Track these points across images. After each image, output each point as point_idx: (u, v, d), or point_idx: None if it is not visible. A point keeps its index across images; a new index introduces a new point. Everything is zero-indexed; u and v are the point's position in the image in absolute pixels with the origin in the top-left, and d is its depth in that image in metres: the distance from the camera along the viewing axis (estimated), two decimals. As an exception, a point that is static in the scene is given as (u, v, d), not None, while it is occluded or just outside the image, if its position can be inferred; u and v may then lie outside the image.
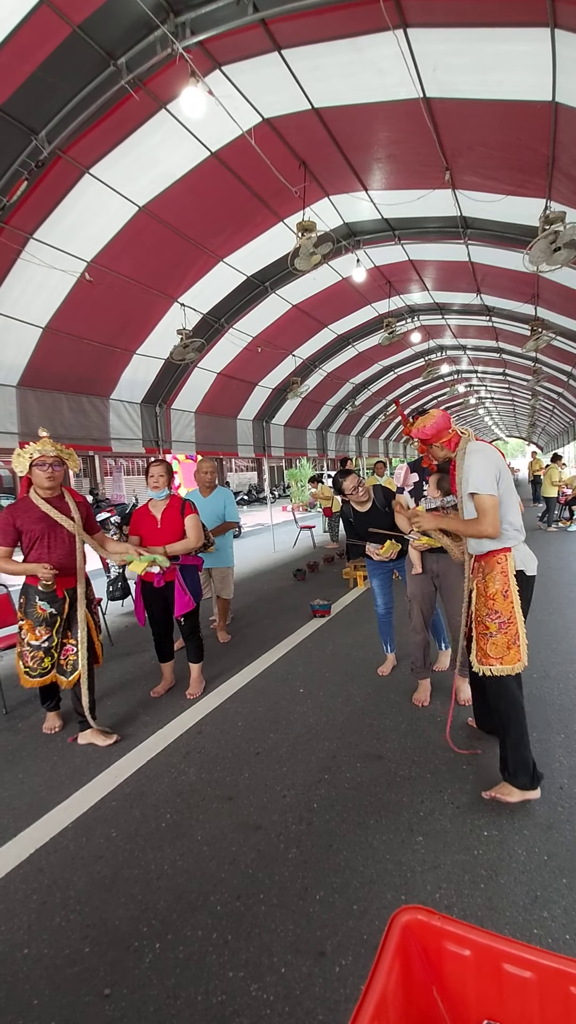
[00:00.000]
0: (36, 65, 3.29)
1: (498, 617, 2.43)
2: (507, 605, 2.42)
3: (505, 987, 1.01)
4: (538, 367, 11.62)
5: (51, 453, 3.04)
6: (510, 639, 2.41)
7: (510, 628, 2.41)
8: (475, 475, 2.43)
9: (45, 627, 3.16)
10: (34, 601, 3.15)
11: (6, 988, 1.72)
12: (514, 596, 2.42)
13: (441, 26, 3.33)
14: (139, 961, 1.78)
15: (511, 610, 2.41)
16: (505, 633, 2.41)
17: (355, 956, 1.74)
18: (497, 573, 2.45)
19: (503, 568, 2.44)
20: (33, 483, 3.10)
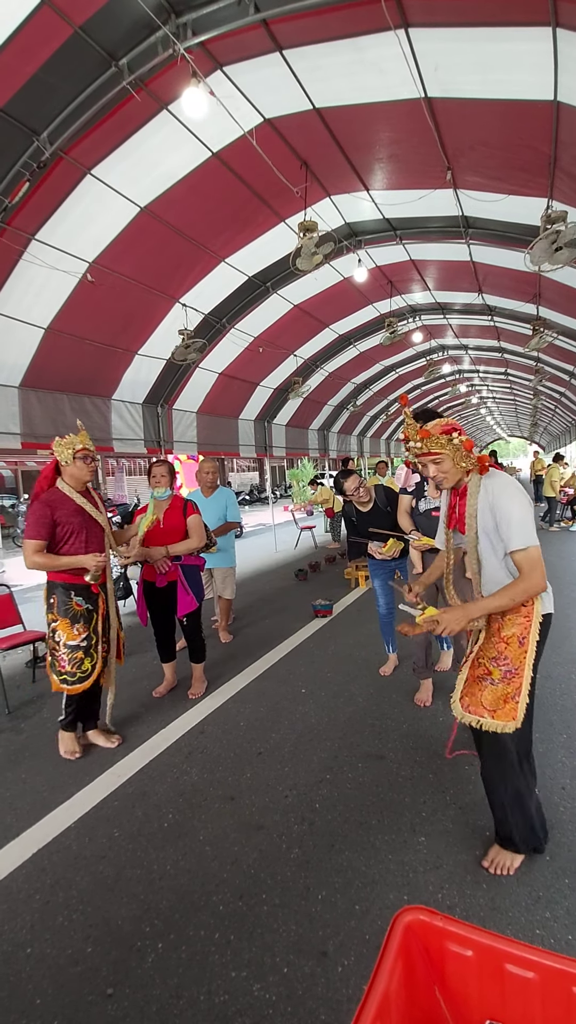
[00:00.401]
0: (38, 66, 3.30)
1: (505, 664, 2.03)
2: (520, 653, 2.01)
3: (507, 987, 1.01)
4: (540, 367, 11.60)
5: (91, 447, 3.04)
6: (511, 691, 2.00)
7: (514, 680, 2.01)
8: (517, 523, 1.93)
9: (83, 624, 3.00)
10: (69, 597, 2.99)
11: (9, 987, 1.72)
12: (531, 645, 2.00)
13: (442, 25, 3.32)
14: (142, 961, 1.79)
15: (522, 660, 2.00)
16: (508, 683, 2.01)
17: (357, 956, 1.74)
18: (520, 616, 2.03)
19: (527, 612, 2.02)
20: (71, 475, 3.02)
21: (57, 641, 2.99)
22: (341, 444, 14.22)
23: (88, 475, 3.06)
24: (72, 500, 3.01)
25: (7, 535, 15.78)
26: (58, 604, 2.99)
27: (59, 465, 3.04)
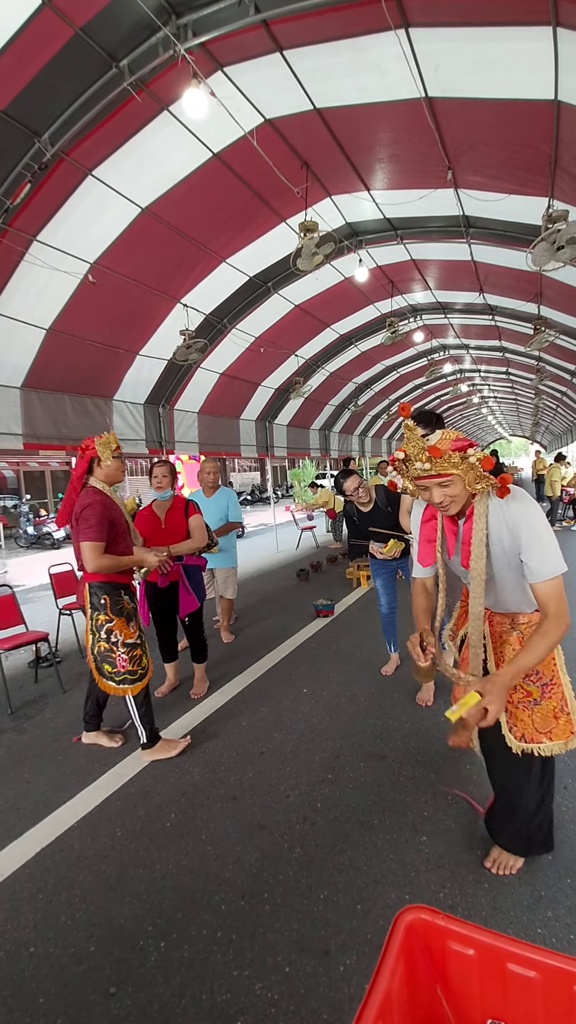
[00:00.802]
0: (39, 68, 3.30)
1: (539, 679, 1.88)
2: (549, 663, 1.89)
3: (509, 986, 1.01)
4: (541, 366, 11.59)
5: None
6: (556, 705, 1.86)
7: (555, 691, 1.87)
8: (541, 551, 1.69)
9: (135, 622, 3.02)
10: (120, 596, 2.99)
11: (12, 986, 1.73)
12: (558, 652, 1.90)
13: (443, 25, 3.32)
14: (144, 960, 1.79)
15: (554, 669, 1.88)
16: (550, 698, 1.87)
17: (359, 955, 1.75)
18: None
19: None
20: (107, 474, 3.01)
21: (114, 642, 2.91)
22: (342, 444, 14.22)
23: (121, 476, 3.11)
24: (116, 500, 3.05)
25: (9, 535, 15.81)
26: (111, 604, 2.94)
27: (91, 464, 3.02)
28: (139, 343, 6.37)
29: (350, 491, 3.67)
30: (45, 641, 4.24)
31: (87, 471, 3.03)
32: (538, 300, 7.53)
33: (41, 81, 3.38)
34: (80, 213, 4.48)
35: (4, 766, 3.10)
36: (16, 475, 20.48)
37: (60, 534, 14.60)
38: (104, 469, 3.02)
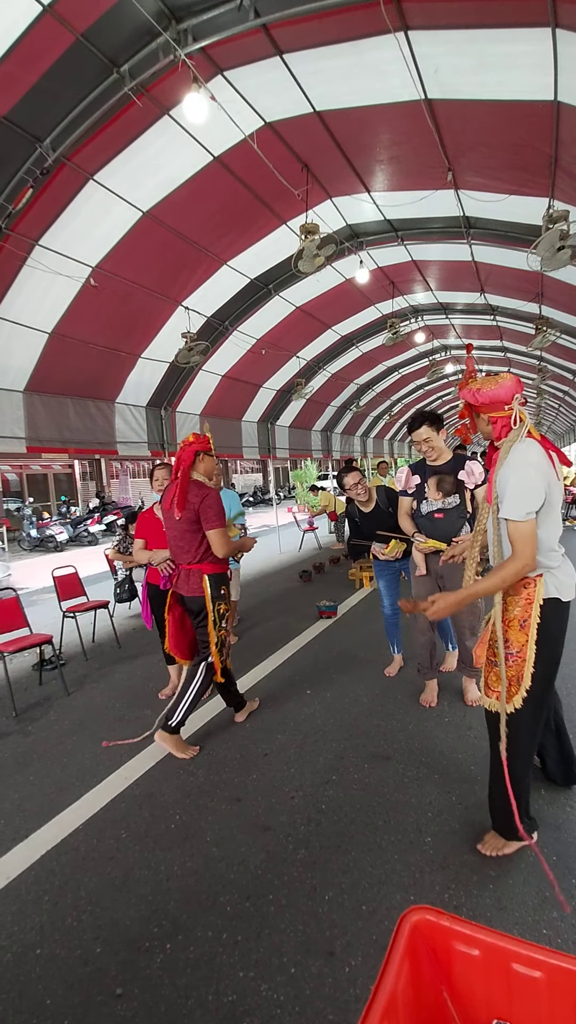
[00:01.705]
0: (40, 74, 3.33)
1: (509, 647, 2.06)
2: (521, 636, 2.04)
3: (514, 987, 1.02)
4: (543, 366, 11.58)
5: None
6: (514, 675, 2.04)
7: (518, 662, 2.03)
8: (514, 492, 1.95)
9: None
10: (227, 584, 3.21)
11: (19, 988, 1.74)
12: (531, 629, 2.02)
13: (442, 28, 3.33)
14: (150, 961, 1.80)
15: (524, 644, 2.03)
16: (511, 667, 2.05)
17: (364, 956, 1.75)
18: (521, 599, 2.05)
19: (529, 595, 2.04)
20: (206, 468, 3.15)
21: (225, 627, 3.17)
22: (344, 445, 14.22)
23: (215, 471, 3.34)
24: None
25: (12, 538, 15.85)
26: (225, 592, 3.16)
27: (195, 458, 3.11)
28: (141, 346, 6.39)
29: (349, 486, 3.68)
30: (49, 644, 4.25)
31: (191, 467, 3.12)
32: (539, 300, 7.53)
33: (42, 87, 3.40)
34: (82, 217, 4.51)
35: (9, 768, 3.12)
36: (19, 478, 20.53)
37: (63, 537, 14.63)
38: (206, 463, 3.15)
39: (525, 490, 1.95)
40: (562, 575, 2.06)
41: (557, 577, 2.05)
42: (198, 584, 3.07)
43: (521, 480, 1.96)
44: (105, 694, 4.11)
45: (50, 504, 20.72)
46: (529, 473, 1.96)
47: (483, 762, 2.76)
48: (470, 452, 9.47)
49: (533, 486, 1.95)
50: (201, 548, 3.04)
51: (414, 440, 3.21)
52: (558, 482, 2.05)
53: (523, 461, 1.99)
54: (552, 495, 2.01)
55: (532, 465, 1.97)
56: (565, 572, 2.07)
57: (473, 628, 3.27)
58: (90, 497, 21.67)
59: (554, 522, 2.06)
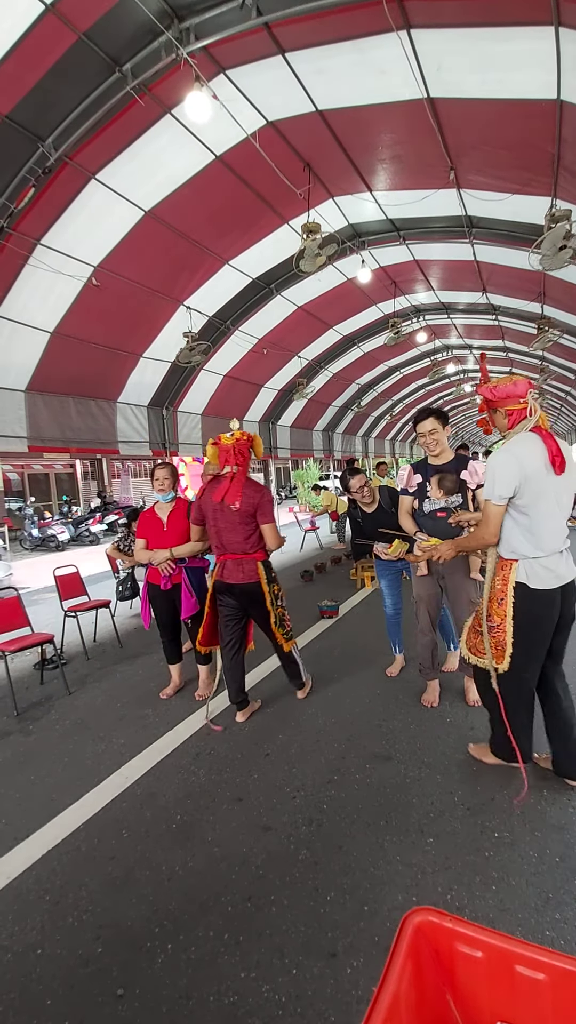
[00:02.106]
0: (42, 73, 3.32)
1: (491, 621, 2.44)
2: (500, 611, 2.41)
3: (517, 989, 1.01)
4: (545, 365, 11.55)
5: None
6: (496, 642, 2.43)
7: (498, 633, 2.41)
8: (488, 480, 2.32)
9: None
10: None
11: (20, 988, 1.73)
12: (508, 606, 2.38)
13: (444, 26, 3.32)
14: (151, 962, 1.79)
15: (503, 617, 2.40)
16: (493, 636, 2.43)
17: (366, 957, 1.74)
18: (499, 580, 2.43)
19: (504, 577, 2.41)
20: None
21: (283, 606, 3.46)
22: (346, 445, 14.21)
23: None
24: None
25: (14, 538, 15.86)
26: (275, 575, 3.42)
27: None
28: (142, 346, 6.39)
29: (354, 489, 3.68)
30: (51, 643, 4.25)
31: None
32: (541, 300, 7.51)
33: (44, 86, 3.40)
34: (84, 217, 4.50)
35: (11, 768, 3.12)
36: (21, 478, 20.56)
37: (64, 536, 14.64)
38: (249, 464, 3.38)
39: (495, 475, 2.27)
40: (537, 566, 2.32)
41: (531, 566, 2.33)
42: (253, 570, 3.27)
43: (496, 465, 2.28)
44: (106, 694, 4.11)
45: (52, 504, 20.74)
46: (506, 459, 2.26)
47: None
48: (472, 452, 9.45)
49: (504, 473, 2.25)
50: (252, 539, 3.25)
51: (419, 432, 3.21)
52: (555, 477, 2.24)
53: (506, 449, 2.29)
54: (538, 487, 2.24)
55: (513, 455, 2.26)
56: (543, 564, 2.32)
57: None
58: (91, 497, 21.69)
59: (540, 514, 2.28)
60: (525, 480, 2.24)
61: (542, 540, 2.31)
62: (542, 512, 2.28)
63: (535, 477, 2.24)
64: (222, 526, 3.23)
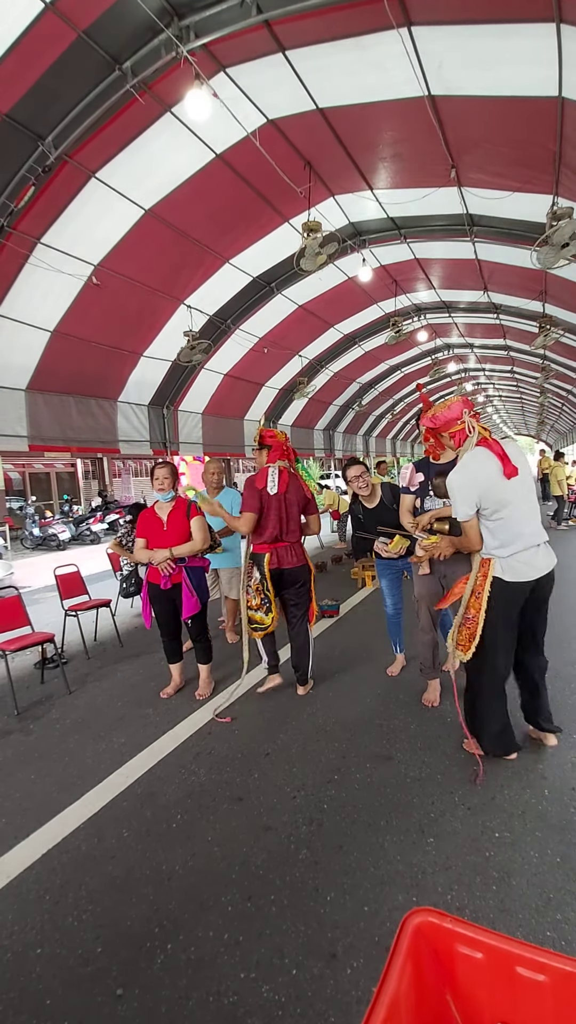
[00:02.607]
0: (42, 71, 3.32)
1: (467, 613, 2.66)
2: (475, 603, 2.62)
3: (518, 990, 1.00)
4: (546, 364, 11.54)
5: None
6: (470, 633, 2.62)
7: (472, 624, 2.62)
8: (453, 498, 2.56)
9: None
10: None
11: (19, 988, 1.73)
12: (483, 599, 2.58)
13: (446, 23, 3.31)
14: (151, 961, 1.79)
15: (478, 609, 2.60)
16: (468, 627, 2.64)
17: (366, 958, 1.74)
18: (480, 575, 2.63)
19: (484, 572, 2.61)
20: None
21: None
22: (347, 444, 14.20)
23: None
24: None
25: (15, 537, 15.88)
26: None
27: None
28: (143, 345, 6.39)
29: (351, 478, 3.70)
30: (51, 642, 4.25)
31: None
32: (543, 298, 7.50)
33: (44, 84, 3.40)
34: (84, 215, 4.50)
35: (11, 767, 3.12)
36: (21, 477, 20.57)
37: (65, 535, 14.65)
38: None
39: (455, 495, 2.53)
40: (513, 561, 2.53)
41: (506, 562, 2.54)
42: (302, 553, 3.68)
43: (454, 486, 2.53)
44: (107, 693, 4.11)
45: (52, 503, 20.75)
46: (461, 480, 2.51)
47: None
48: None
49: (463, 493, 2.50)
50: (299, 526, 3.68)
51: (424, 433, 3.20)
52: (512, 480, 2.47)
53: (461, 468, 2.54)
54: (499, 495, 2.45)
55: (466, 474, 2.51)
56: (519, 560, 2.53)
57: None
58: (92, 496, 21.70)
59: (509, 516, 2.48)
60: (484, 492, 2.47)
61: (517, 538, 2.52)
62: (513, 514, 2.50)
63: (494, 487, 2.47)
64: (280, 515, 3.56)
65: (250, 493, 3.57)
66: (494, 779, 2.63)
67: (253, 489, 3.57)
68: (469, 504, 2.49)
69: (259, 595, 3.65)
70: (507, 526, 2.51)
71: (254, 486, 3.58)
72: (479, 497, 2.47)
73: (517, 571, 2.53)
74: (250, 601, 3.69)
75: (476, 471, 2.49)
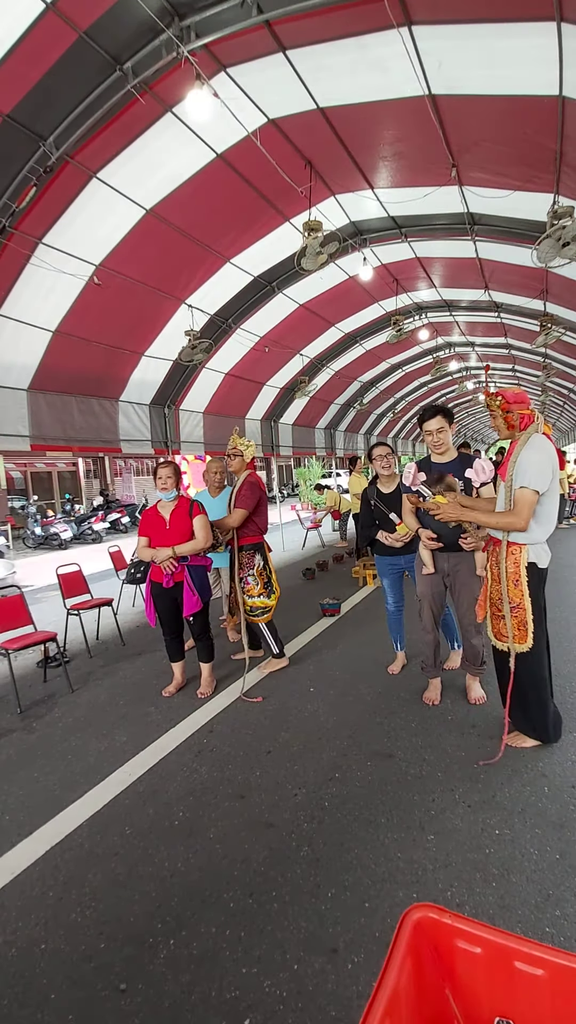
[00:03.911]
0: (43, 72, 3.32)
1: (510, 602, 2.70)
2: (517, 592, 2.68)
3: (517, 985, 1.02)
4: (548, 363, 11.52)
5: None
6: (519, 621, 2.68)
7: (519, 612, 2.68)
8: (534, 471, 2.57)
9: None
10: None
11: (24, 983, 1.75)
12: (524, 586, 2.66)
13: (446, 22, 3.31)
14: (154, 957, 1.81)
15: (521, 598, 2.67)
16: (515, 617, 2.69)
17: (367, 953, 1.76)
18: (511, 564, 2.68)
19: (516, 560, 2.67)
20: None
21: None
22: (348, 443, 14.20)
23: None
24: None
25: (17, 536, 15.91)
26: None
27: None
28: (144, 344, 6.39)
29: (377, 456, 3.87)
30: (53, 641, 4.27)
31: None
32: (544, 296, 7.48)
33: (45, 85, 3.40)
34: (85, 215, 4.50)
35: (14, 765, 3.14)
36: (23, 476, 20.60)
37: (67, 535, 14.68)
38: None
39: (542, 470, 2.57)
40: (541, 549, 2.68)
41: (537, 549, 2.67)
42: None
43: (538, 461, 2.59)
44: (109, 691, 4.13)
45: (54, 502, 20.79)
46: (544, 458, 2.60)
47: (487, 759, 2.77)
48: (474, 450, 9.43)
49: (546, 469, 2.58)
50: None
51: (425, 430, 3.21)
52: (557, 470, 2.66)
53: (543, 448, 2.63)
54: (553, 484, 2.62)
55: (548, 453, 2.62)
56: (544, 547, 2.70)
57: (477, 626, 3.26)
58: (94, 495, 21.73)
59: (552, 505, 2.66)
60: (553, 473, 2.62)
61: (548, 526, 2.68)
62: (553, 502, 2.67)
63: (555, 472, 2.64)
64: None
65: (252, 493, 3.96)
66: (494, 777, 2.64)
67: (256, 489, 3.99)
68: (547, 478, 2.57)
69: (261, 579, 4.02)
70: (550, 511, 2.67)
71: (257, 487, 4.00)
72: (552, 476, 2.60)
73: (543, 558, 2.69)
74: (251, 589, 4.00)
75: (551, 451, 2.63)
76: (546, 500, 2.63)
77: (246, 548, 4.09)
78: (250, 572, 4.02)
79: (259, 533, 4.12)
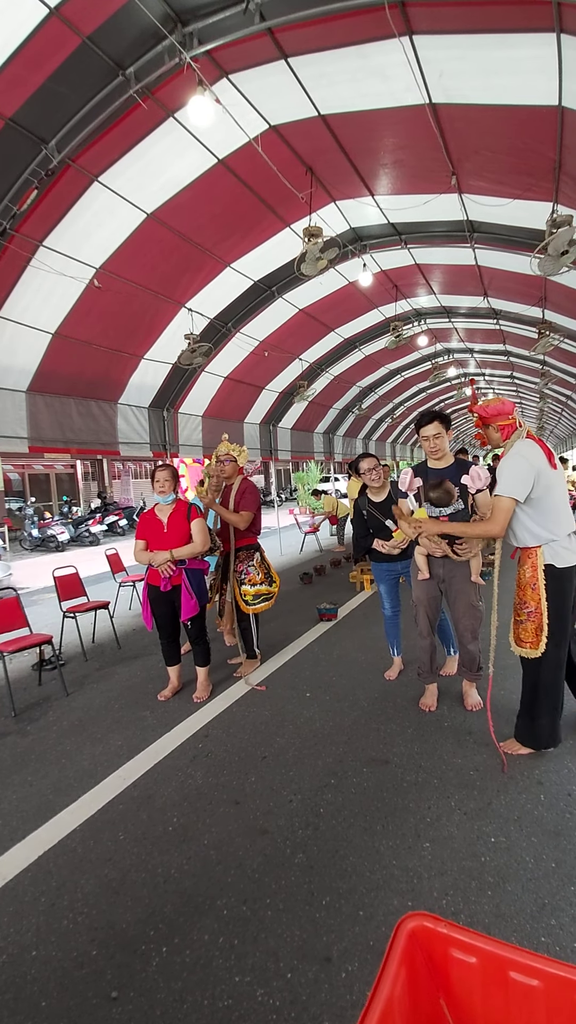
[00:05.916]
0: (46, 76, 3.34)
1: (527, 607, 2.68)
2: (534, 596, 2.65)
3: (512, 995, 1.01)
4: (546, 369, 11.57)
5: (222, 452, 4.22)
6: (536, 627, 2.65)
7: (536, 616, 2.65)
8: (505, 477, 2.60)
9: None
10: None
11: (15, 990, 1.73)
12: (541, 590, 2.63)
13: (447, 33, 3.34)
14: (146, 964, 1.79)
15: (538, 602, 2.64)
16: (532, 621, 2.66)
17: (361, 962, 1.74)
18: (528, 568, 2.68)
19: (533, 563, 2.66)
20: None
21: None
22: (346, 447, 14.22)
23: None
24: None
25: (14, 538, 15.87)
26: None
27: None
28: (144, 347, 6.40)
29: (364, 470, 3.79)
30: (49, 644, 4.25)
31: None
32: (542, 304, 7.53)
33: (48, 89, 3.42)
34: (86, 219, 4.52)
35: (7, 769, 3.11)
36: (21, 478, 20.57)
37: (64, 537, 14.65)
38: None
39: (513, 475, 2.58)
40: (559, 548, 2.62)
41: (554, 549, 2.62)
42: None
43: (512, 467, 2.60)
44: (104, 695, 4.11)
45: (52, 504, 20.75)
46: (519, 463, 2.59)
47: (483, 766, 2.77)
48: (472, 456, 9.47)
49: (520, 474, 2.57)
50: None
51: (422, 436, 3.21)
52: (555, 471, 2.65)
53: (517, 453, 2.63)
54: (547, 481, 2.59)
55: (524, 457, 2.60)
56: (562, 545, 2.62)
57: (474, 632, 3.26)
58: (92, 497, 21.70)
59: (554, 503, 2.62)
60: (538, 475, 2.59)
61: (558, 524, 2.64)
62: (556, 500, 2.64)
63: (544, 472, 2.61)
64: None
65: (255, 496, 4.18)
66: (490, 784, 2.63)
67: (257, 493, 4.23)
68: (526, 484, 2.56)
69: (261, 571, 4.19)
70: (556, 509, 2.64)
71: (256, 490, 4.24)
72: (535, 479, 2.58)
73: (564, 557, 2.63)
74: (252, 578, 4.14)
75: (532, 455, 2.63)
76: (543, 496, 2.60)
77: (243, 549, 4.19)
78: (250, 564, 4.15)
79: (254, 535, 4.28)
